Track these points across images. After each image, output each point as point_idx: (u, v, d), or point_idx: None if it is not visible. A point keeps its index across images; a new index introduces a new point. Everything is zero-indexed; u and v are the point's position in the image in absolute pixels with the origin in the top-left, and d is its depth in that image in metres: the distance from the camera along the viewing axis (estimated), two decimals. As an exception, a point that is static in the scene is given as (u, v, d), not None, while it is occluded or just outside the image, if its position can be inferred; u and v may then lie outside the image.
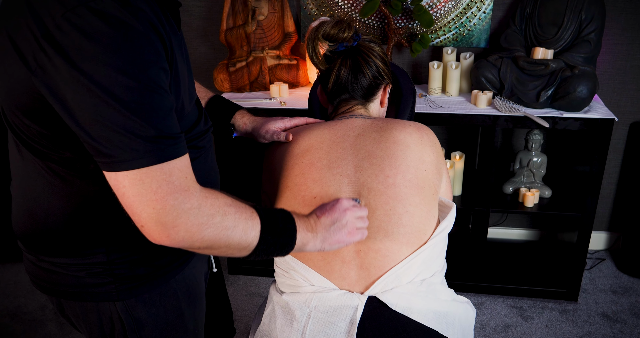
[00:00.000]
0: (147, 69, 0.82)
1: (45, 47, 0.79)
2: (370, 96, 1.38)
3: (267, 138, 1.37)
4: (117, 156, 0.82)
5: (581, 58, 2.24)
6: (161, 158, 0.84)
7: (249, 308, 2.51)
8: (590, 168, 2.24)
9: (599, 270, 2.73)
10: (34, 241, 1.04)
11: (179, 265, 1.11)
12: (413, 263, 1.16)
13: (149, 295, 1.07)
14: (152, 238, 0.87)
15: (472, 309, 1.27)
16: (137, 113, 0.81)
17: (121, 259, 1.03)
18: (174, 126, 0.87)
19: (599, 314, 2.41)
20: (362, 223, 1.13)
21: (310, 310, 1.15)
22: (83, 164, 0.95)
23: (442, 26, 2.56)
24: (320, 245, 1.08)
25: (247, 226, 0.95)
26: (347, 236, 1.10)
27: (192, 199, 0.86)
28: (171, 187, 0.84)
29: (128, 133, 0.81)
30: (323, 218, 1.09)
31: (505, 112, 2.22)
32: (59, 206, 0.99)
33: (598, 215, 2.80)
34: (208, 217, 0.88)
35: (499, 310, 2.45)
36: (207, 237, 0.89)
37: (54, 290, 1.07)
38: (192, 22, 2.75)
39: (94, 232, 1.01)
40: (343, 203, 1.11)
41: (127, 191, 0.84)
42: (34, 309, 2.52)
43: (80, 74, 0.78)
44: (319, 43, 1.32)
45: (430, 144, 1.28)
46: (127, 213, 0.86)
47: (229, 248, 0.94)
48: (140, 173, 0.83)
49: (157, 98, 0.83)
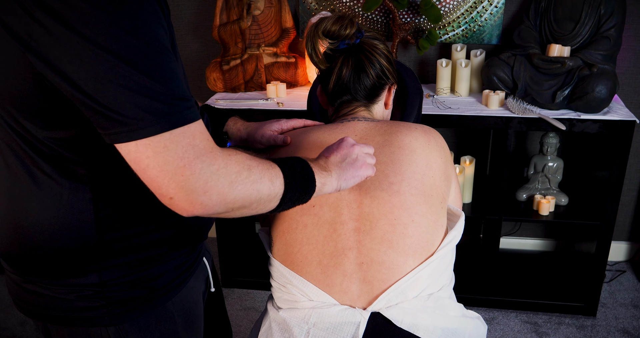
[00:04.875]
0: (152, 30, 0.82)
1: (40, 17, 0.78)
2: (373, 98, 1.38)
3: (263, 142, 1.37)
4: (136, 122, 0.81)
5: (600, 56, 2.24)
6: (183, 120, 0.83)
7: (244, 324, 2.51)
8: (609, 174, 2.24)
9: (619, 282, 2.73)
10: (19, 259, 1.03)
11: (175, 286, 1.10)
12: (419, 276, 1.16)
13: (143, 319, 1.07)
14: (184, 209, 0.87)
15: (483, 325, 1.27)
16: (151, 74, 0.81)
17: (114, 280, 1.02)
18: (186, 89, 0.87)
19: (619, 330, 2.41)
20: (370, 159, 1.14)
21: (309, 327, 1.14)
22: (74, 164, 0.95)
23: (451, 21, 2.56)
24: (336, 182, 1.09)
25: (272, 175, 0.96)
26: (360, 170, 1.11)
27: (218, 159, 0.87)
28: (197, 150, 0.84)
29: (144, 96, 0.80)
30: (332, 156, 1.11)
31: (518, 113, 2.22)
32: (47, 219, 0.98)
33: (618, 223, 2.80)
34: (236, 174, 0.89)
35: (512, 326, 2.45)
36: (239, 195, 0.90)
37: (41, 314, 1.06)
38: (183, 17, 2.76)
39: (86, 249, 1.00)
40: (348, 140, 1.13)
41: (151, 161, 0.82)
42: (13, 325, 2.52)
43: (83, 38, 0.78)
44: (318, 40, 1.32)
45: (437, 149, 1.28)
46: (151, 188, 0.85)
47: (260, 202, 0.95)
48: (164, 138, 0.82)
49: (166, 59, 0.83)
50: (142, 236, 1.02)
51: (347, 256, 1.17)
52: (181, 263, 1.11)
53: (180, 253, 1.10)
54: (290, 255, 1.21)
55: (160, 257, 1.06)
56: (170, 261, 1.08)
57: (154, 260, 1.05)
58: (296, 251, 1.20)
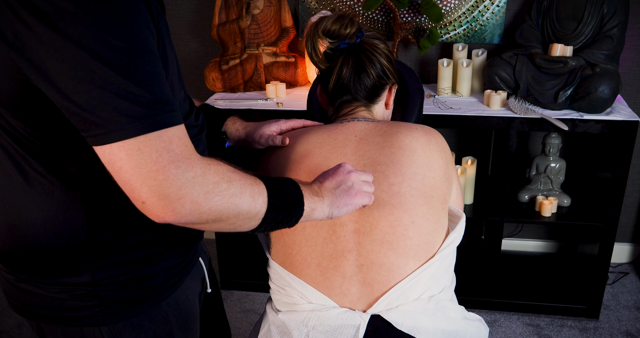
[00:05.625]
0: (136, 32, 0.81)
1: (24, 16, 0.78)
2: (374, 98, 1.38)
3: (262, 143, 1.37)
4: (111, 124, 0.80)
5: (603, 55, 2.24)
6: (159, 124, 0.83)
7: (243, 326, 2.51)
8: (612, 175, 2.24)
9: (622, 284, 2.73)
10: (12, 258, 1.03)
11: (170, 286, 1.10)
12: (420, 278, 1.16)
13: (137, 319, 1.06)
14: (155, 215, 0.86)
15: (484, 328, 1.27)
16: (130, 77, 0.80)
17: (107, 279, 1.02)
18: (168, 93, 0.86)
19: (622, 333, 2.40)
20: (368, 187, 1.12)
21: (308, 330, 1.14)
22: (65, 162, 0.95)
23: (453, 21, 2.56)
24: (328, 209, 1.07)
25: (254, 191, 0.94)
26: (354, 198, 1.09)
27: (195, 167, 0.85)
28: (172, 155, 0.83)
29: (121, 98, 0.80)
30: (327, 182, 1.09)
31: (520, 113, 2.22)
32: (39, 217, 0.99)
33: (621, 225, 2.80)
34: (214, 185, 0.87)
35: (514, 329, 2.45)
36: (214, 207, 0.88)
37: (34, 313, 1.06)
38: (182, 16, 2.76)
39: (78, 247, 1.00)
40: (345, 166, 1.12)
41: (124, 164, 0.82)
42: (11, 327, 2.52)
43: (65, 38, 0.78)
44: (318, 40, 1.32)
45: (438, 149, 1.28)
46: (125, 191, 0.85)
47: (238, 217, 0.93)
48: (138, 141, 0.81)
49: (149, 61, 0.83)
50: (134, 235, 1.02)
51: (346, 258, 1.17)
52: (176, 263, 1.10)
53: (174, 252, 1.09)
54: (289, 257, 1.20)
55: (154, 257, 1.06)
56: (165, 261, 1.08)
57: (147, 260, 1.05)
58: (295, 253, 1.20)
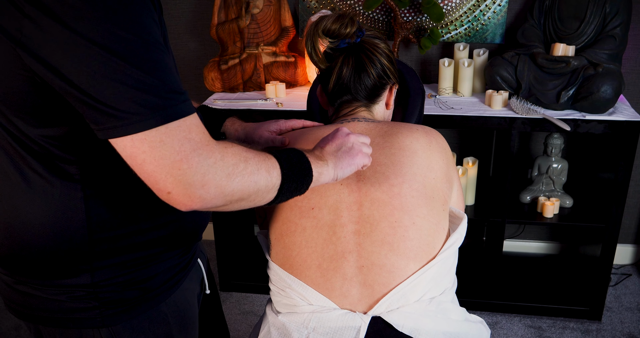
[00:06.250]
0: (144, 23, 0.82)
1: (30, 12, 0.79)
2: (374, 98, 1.38)
3: (261, 143, 1.37)
4: (131, 116, 0.81)
5: (605, 55, 2.24)
6: (178, 113, 0.84)
7: (243, 328, 2.51)
8: (615, 175, 2.24)
9: (625, 286, 2.73)
10: (10, 260, 1.03)
11: (169, 287, 1.10)
12: (421, 279, 1.16)
13: (137, 320, 1.07)
14: (182, 204, 0.87)
15: (486, 329, 1.27)
16: (144, 68, 0.81)
17: (107, 281, 1.02)
18: (180, 83, 0.88)
19: (624, 334, 2.40)
20: (367, 148, 1.15)
21: (308, 332, 1.14)
22: (66, 163, 0.95)
23: (454, 20, 2.56)
24: (333, 172, 1.10)
25: (269, 166, 0.97)
26: (356, 158, 1.12)
27: (215, 152, 0.88)
28: (193, 144, 0.85)
29: (138, 90, 0.81)
30: (327, 146, 1.12)
31: (522, 114, 2.22)
32: (38, 218, 0.98)
33: (624, 226, 2.80)
34: (233, 166, 0.90)
35: (516, 331, 2.45)
36: (237, 187, 0.91)
37: (32, 315, 1.06)
38: (180, 16, 2.76)
39: (77, 249, 1.00)
40: (343, 129, 1.14)
41: (147, 156, 0.83)
42: (8, 329, 2.52)
43: (75, 34, 0.78)
44: (318, 39, 1.33)
45: (439, 150, 1.28)
46: (148, 183, 0.86)
47: (258, 193, 0.96)
48: (160, 132, 0.82)
49: (159, 53, 0.84)
50: (134, 236, 1.02)
51: (347, 260, 1.17)
52: (175, 264, 1.11)
53: (173, 253, 1.10)
54: (289, 259, 1.20)
55: (154, 258, 1.06)
56: (164, 262, 1.08)
57: (147, 261, 1.05)
58: (295, 255, 1.20)
